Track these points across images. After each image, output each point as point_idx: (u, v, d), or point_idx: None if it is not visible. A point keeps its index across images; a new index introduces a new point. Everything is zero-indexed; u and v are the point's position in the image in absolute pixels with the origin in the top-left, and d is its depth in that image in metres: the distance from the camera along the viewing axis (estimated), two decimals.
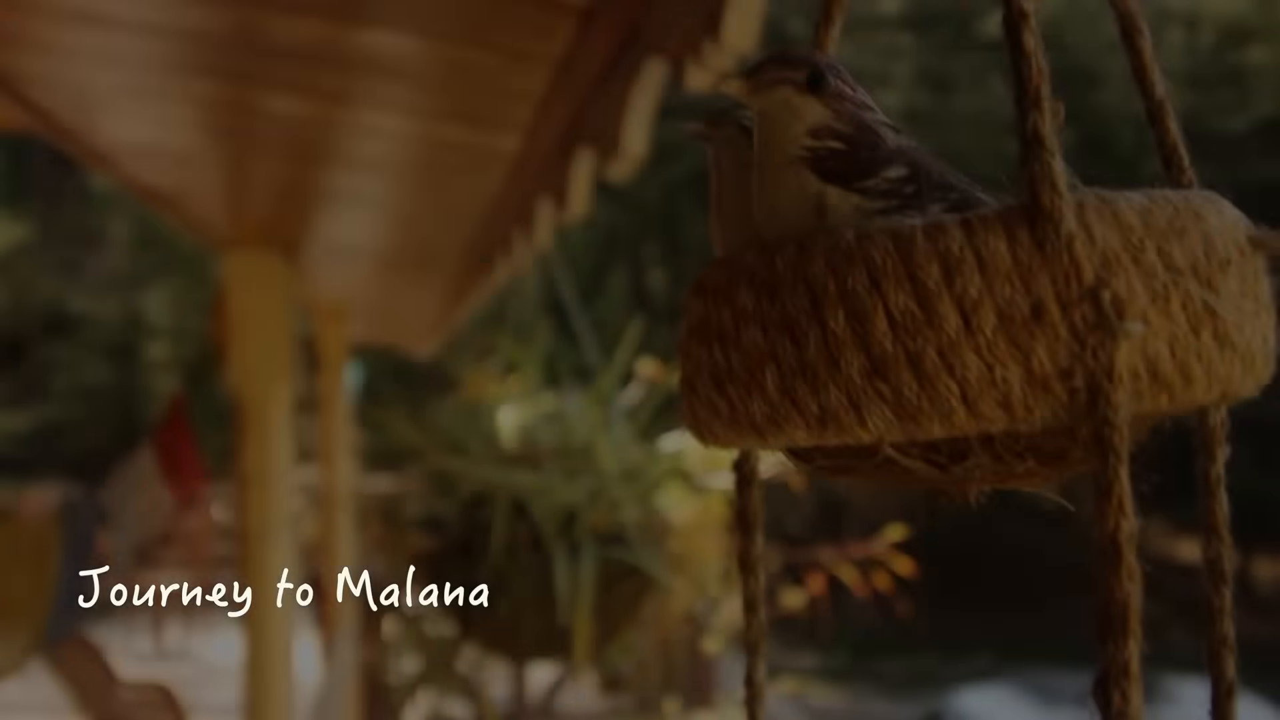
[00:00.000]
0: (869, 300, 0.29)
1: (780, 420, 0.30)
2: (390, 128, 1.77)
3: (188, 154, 2.10)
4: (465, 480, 1.96)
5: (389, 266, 3.66)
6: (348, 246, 3.27)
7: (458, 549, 2.04)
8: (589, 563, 1.92)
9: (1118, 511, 0.26)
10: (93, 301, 15.36)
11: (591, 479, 1.99)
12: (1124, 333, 0.26)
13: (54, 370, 15.03)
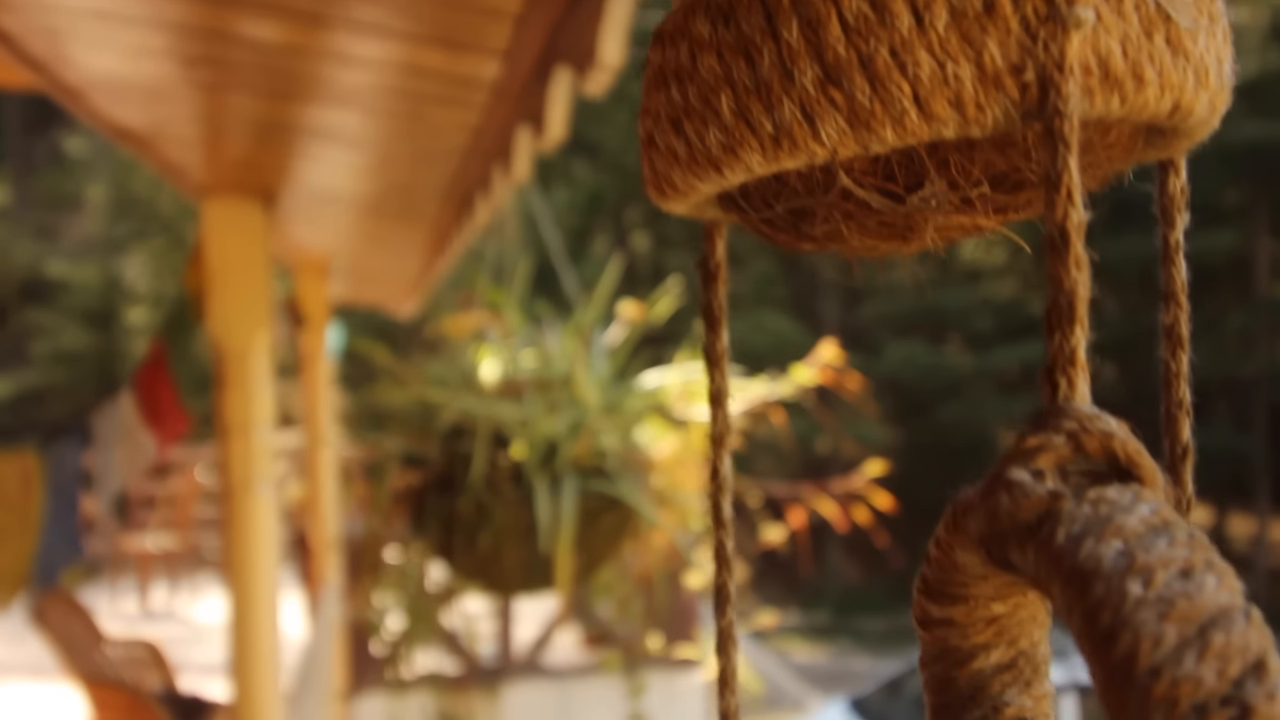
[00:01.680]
0: (823, 7, 0.29)
1: (736, 145, 0.30)
2: (367, 54, 1.75)
3: (160, 88, 2.07)
4: (445, 411, 1.96)
5: (369, 215, 3.64)
6: (327, 194, 3.25)
7: (438, 483, 2.04)
8: (570, 494, 1.93)
9: (1066, 201, 0.27)
10: (71, 267, 15.22)
11: (572, 411, 1.99)
12: (1074, 21, 0.26)
13: (33, 336, 14.91)
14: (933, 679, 0.36)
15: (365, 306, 8.27)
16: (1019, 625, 0.34)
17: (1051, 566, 0.25)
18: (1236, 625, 0.24)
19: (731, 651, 0.42)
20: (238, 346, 2.88)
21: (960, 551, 0.31)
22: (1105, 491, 0.26)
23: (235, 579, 2.84)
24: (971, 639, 0.34)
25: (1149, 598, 0.23)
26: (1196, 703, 0.22)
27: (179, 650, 5.39)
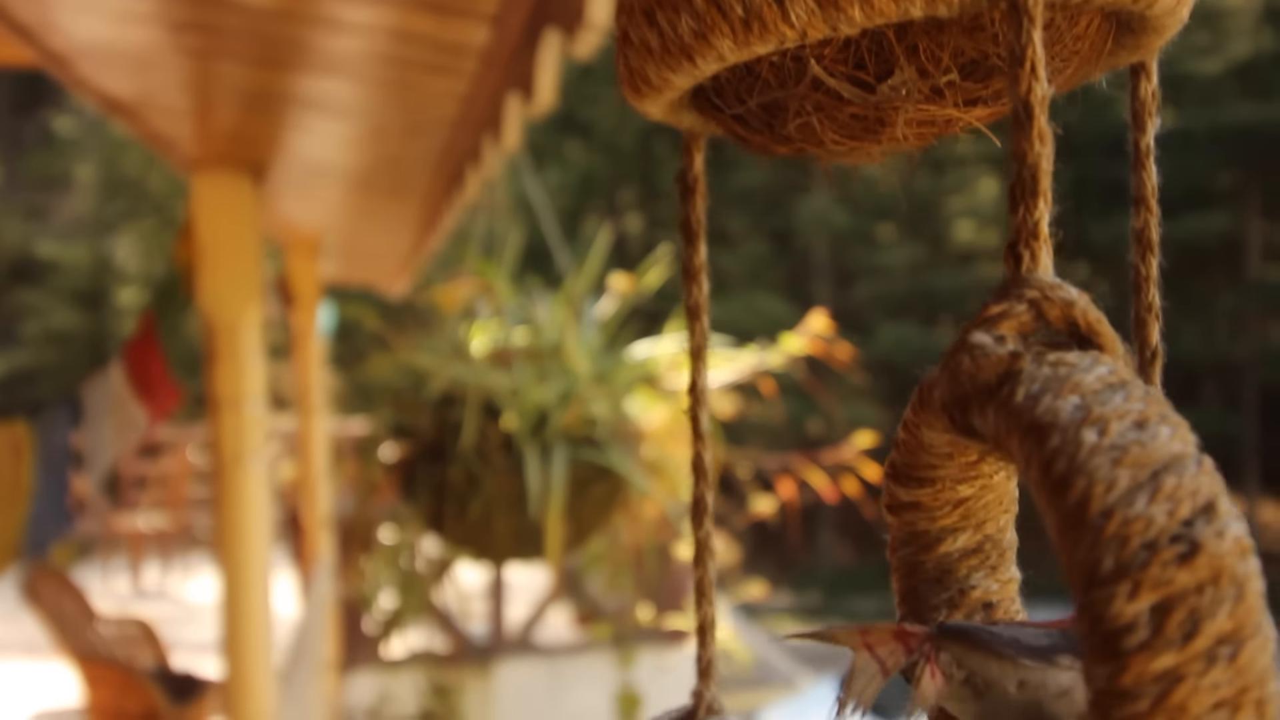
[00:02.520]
0: None
1: (708, 32, 0.31)
2: (357, 19, 1.74)
3: (148, 55, 2.06)
4: (435, 380, 1.96)
5: (360, 190, 3.63)
6: (317, 168, 3.24)
7: (429, 452, 2.05)
8: (560, 463, 1.93)
9: (1030, 75, 0.27)
10: (61, 247, 15.16)
11: (562, 380, 1.99)
12: None
13: (23, 316, 14.85)
14: (901, 564, 0.36)
15: (357, 286, 8.25)
16: (985, 509, 0.35)
17: (1011, 423, 0.25)
18: (1188, 470, 0.24)
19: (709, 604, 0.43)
20: (228, 320, 2.88)
21: (926, 430, 0.31)
22: (1065, 355, 0.26)
23: (227, 553, 2.84)
24: (938, 522, 0.34)
25: (1103, 445, 0.24)
26: (1146, 540, 0.23)
27: (171, 629, 5.40)
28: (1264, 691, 0.23)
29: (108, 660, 4.19)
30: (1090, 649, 0.23)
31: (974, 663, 0.33)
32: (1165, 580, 0.23)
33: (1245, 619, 0.23)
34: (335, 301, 7.53)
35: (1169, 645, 0.23)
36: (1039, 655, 0.32)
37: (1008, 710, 0.33)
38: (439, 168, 2.96)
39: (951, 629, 0.34)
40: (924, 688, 0.33)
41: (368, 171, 3.26)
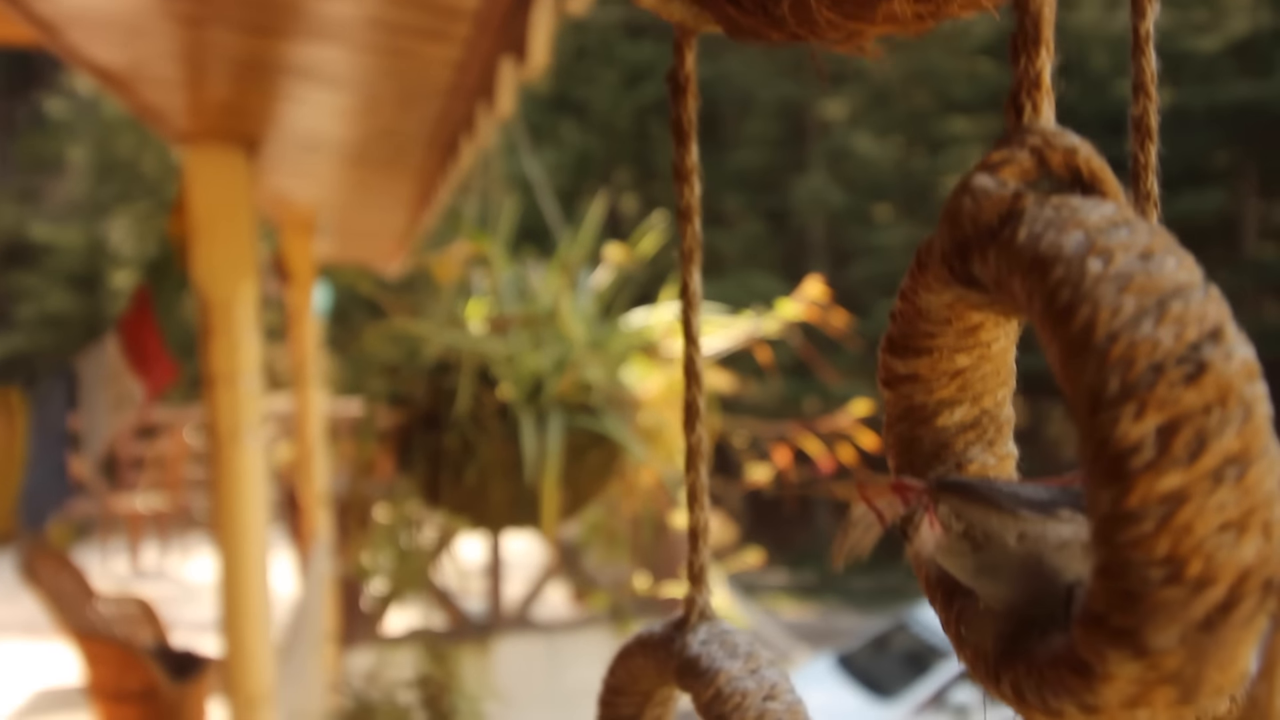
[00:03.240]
0: None
1: None
2: None
3: (138, 22, 2.04)
4: (429, 346, 1.95)
5: (355, 164, 3.61)
6: (311, 141, 3.22)
7: (424, 420, 2.04)
8: (556, 430, 1.93)
9: None
10: (55, 230, 15.10)
11: (557, 347, 1.99)
12: None
13: (18, 300, 14.81)
14: (897, 440, 0.36)
15: (352, 265, 8.22)
16: (983, 381, 0.34)
17: (1013, 262, 0.25)
18: (1195, 297, 0.24)
19: (701, 509, 0.43)
20: (223, 296, 2.86)
21: (924, 294, 0.31)
22: (1068, 198, 0.26)
23: (224, 529, 2.84)
24: (936, 394, 0.34)
25: (1108, 274, 0.23)
26: (1153, 362, 0.22)
27: (170, 609, 5.40)
28: (1271, 514, 0.23)
29: (107, 638, 4.19)
30: (1095, 474, 0.23)
31: (973, 515, 0.33)
32: (1172, 400, 0.22)
33: (1253, 440, 0.23)
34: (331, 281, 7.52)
35: (1175, 464, 0.22)
36: (1039, 508, 0.32)
37: (1007, 563, 0.32)
38: (433, 139, 2.95)
39: (950, 483, 0.34)
40: (922, 536, 0.33)
41: (362, 145, 3.24)
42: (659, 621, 0.50)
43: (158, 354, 2.92)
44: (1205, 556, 0.23)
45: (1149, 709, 0.25)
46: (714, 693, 0.48)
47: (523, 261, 2.31)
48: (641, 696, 0.54)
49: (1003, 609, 0.33)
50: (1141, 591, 0.23)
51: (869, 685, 8.57)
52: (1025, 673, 0.30)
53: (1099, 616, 0.25)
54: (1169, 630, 0.23)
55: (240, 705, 2.92)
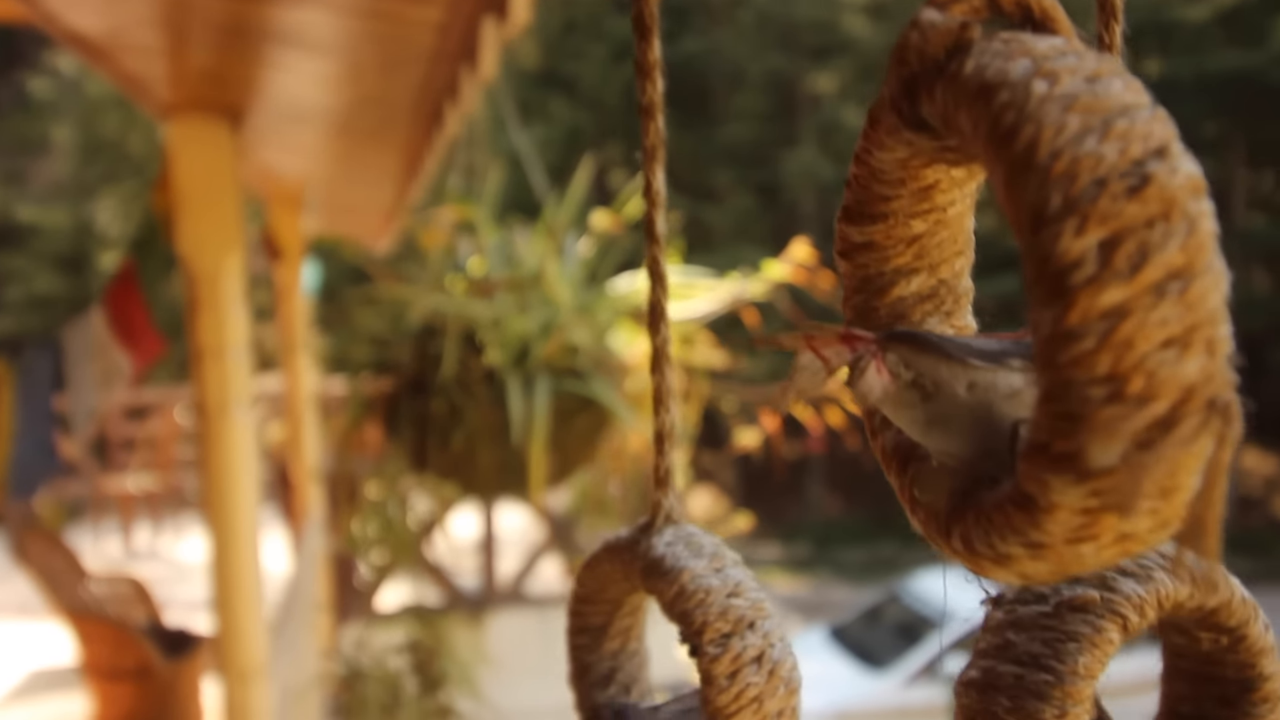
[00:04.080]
0: None
1: None
2: None
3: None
4: (414, 309, 1.95)
5: (341, 135, 3.58)
6: (296, 111, 3.19)
7: (411, 385, 2.04)
8: (543, 394, 1.93)
9: None
10: (41, 211, 15.00)
11: (544, 311, 1.98)
12: None
13: (6, 282, 14.73)
14: (854, 312, 0.36)
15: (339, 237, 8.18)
16: (939, 249, 0.34)
17: (959, 95, 0.25)
18: (1142, 115, 0.23)
19: (666, 370, 0.42)
20: (209, 269, 2.85)
21: (877, 152, 0.30)
22: (1017, 34, 0.26)
23: (214, 504, 2.83)
24: (892, 262, 0.34)
25: (1053, 94, 0.23)
26: (1096, 177, 0.22)
27: (164, 588, 5.41)
28: (1215, 331, 0.23)
29: (100, 617, 4.19)
30: (1037, 295, 0.23)
31: (922, 364, 0.32)
32: (1114, 213, 0.22)
33: (1196, 255, 0.22)
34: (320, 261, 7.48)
35: (1117, 278, 0.22)
36: (990, 357, 0.32)
37: (956, 413, 0.32)
38: (417, 107, 2.93)
39: (900, 333, 0.33)
40: (868, 380, 0.32)
41: (346, 114, 3.22)
42: (625, 528, 0.50)
43: (144, 328, 2.91)
44: (1147, 373, 0.22)
45: (1094, 543, 0.25)
46: (677, 590, 0.48)
47: (509, 227, 2.29)
48: (610, 605, 0.54)
49: (955, 465, 0.33)
50: (1082, 412, 0.23)
51: (862, 656, 8.63)
52: (974, 522, 0.30)
53: (1042, 445, 0.24)
54: (1110, 449, 0.23)
55: (233, 680, 2.93)
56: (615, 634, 0.55)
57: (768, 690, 0.48)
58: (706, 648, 0.47)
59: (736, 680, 0.47)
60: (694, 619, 0.48)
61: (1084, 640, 0.41)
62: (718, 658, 0.47)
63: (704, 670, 0.48)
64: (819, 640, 9.10)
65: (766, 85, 17.36)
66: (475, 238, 2.32)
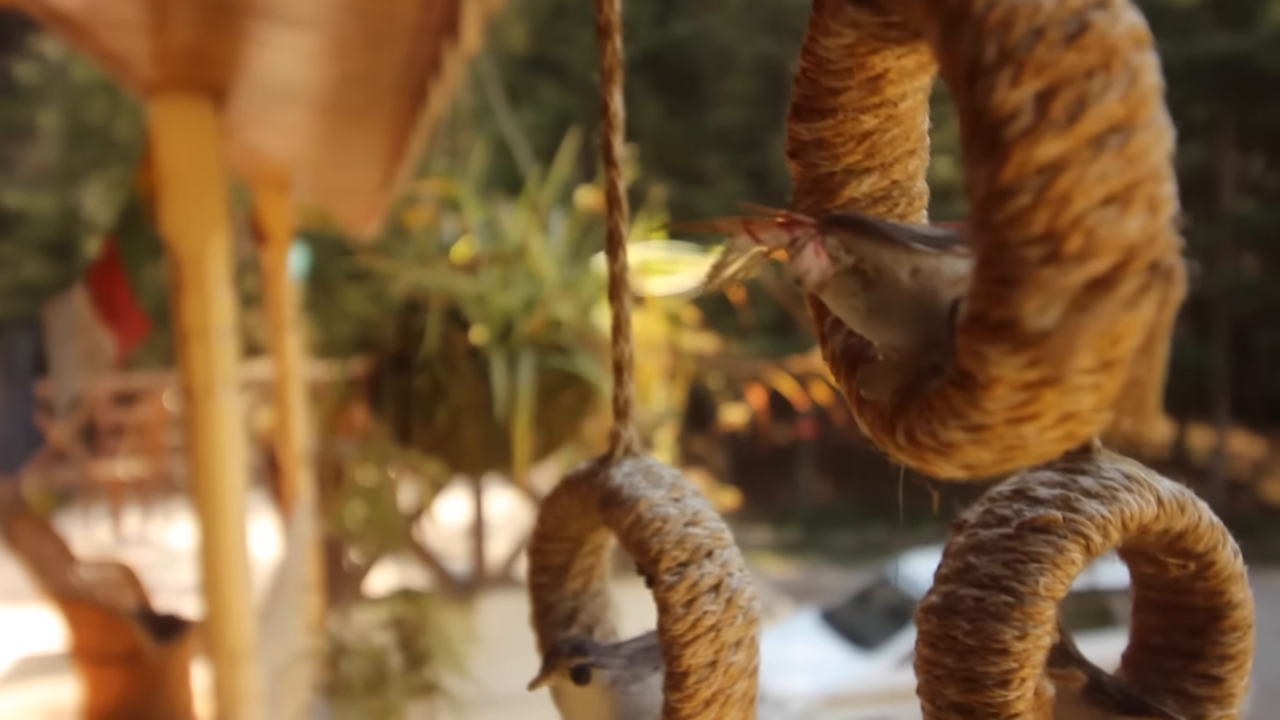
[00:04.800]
0: None
1: None
2: None
3: None
4: (396, 284, 1.93)
5: (325, 116, 3.56)
6: (280, 90, 3.17)
7: (394, 362, 2.03)
8: (527, 370, 1.92)
9: None
10: (28, 197, 14.91)
11: (527, 286, 1.97)
12: None
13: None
14: (806, 214, 0.35)
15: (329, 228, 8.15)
16: (891, 146, 0.33)
17: None
18: None
19: (625, 297, 0.42)
20: (193, 251, 2.83)
21: (823, 39, 0.29)
22: None
23: (201, 485, 2.82)
24: (842, 161, 0.33)
25: None
26: (1034, 26, 0.21)
27: (154, 574, 5.39)
28: (1158, 189, 0.22)
29: (89, 602, 4.18)
30: (972, 152, 0.22)
31: (864, 249, 0.31)
32: (1051, 62, 0.21)
33: (1138, 107, 0.22)
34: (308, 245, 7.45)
35: (1053, 129, 0.21)
36: (935, 243, 0.31)
37: (899, 301, 0.31)
38: (402, 85, 2.91)
39: (841, 216, 0.32)
40: (805, 260, 0.32)
41: (331, 94, 3.19)
42: (585, 462, 0.49)
43: (128, 308, 2.89)
44: (1085, 231, 0.22)
45: (1037, 423, 0.25)
46: (634, 519, 0.47)
47: (494, 203, 2.28)
48: (571, 543, 0.53)
49: (900, 358, 0.32)
50: (1018, 274, 0.22)
51: (852, 639, 8.68)
52: (916, 412, 0.29)
53: (978, 315, 0.24)
54: (1046, 310, 0.22)
55: (222, 662, 2.92)
56: (577, 573, 0.54)
57: (725, 619, 0.47)
58: (663, 576, 0.46)
59: (693, 609, 0.46)
60: (650, 547, 0.47)
61: (1045, 561, 0.41)
62: (674, 586, 0.46)
63: (660, 599, 0.47)
64: (809, 623, 9.13)
65: (756, 69, 17.31)
66: (460, 216, 2.31)
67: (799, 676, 8.33)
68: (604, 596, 0.57)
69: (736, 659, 0.48)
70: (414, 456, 1.87)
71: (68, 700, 4.27)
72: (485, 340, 1.95)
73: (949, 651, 0.42)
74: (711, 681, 0.47)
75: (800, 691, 8.15)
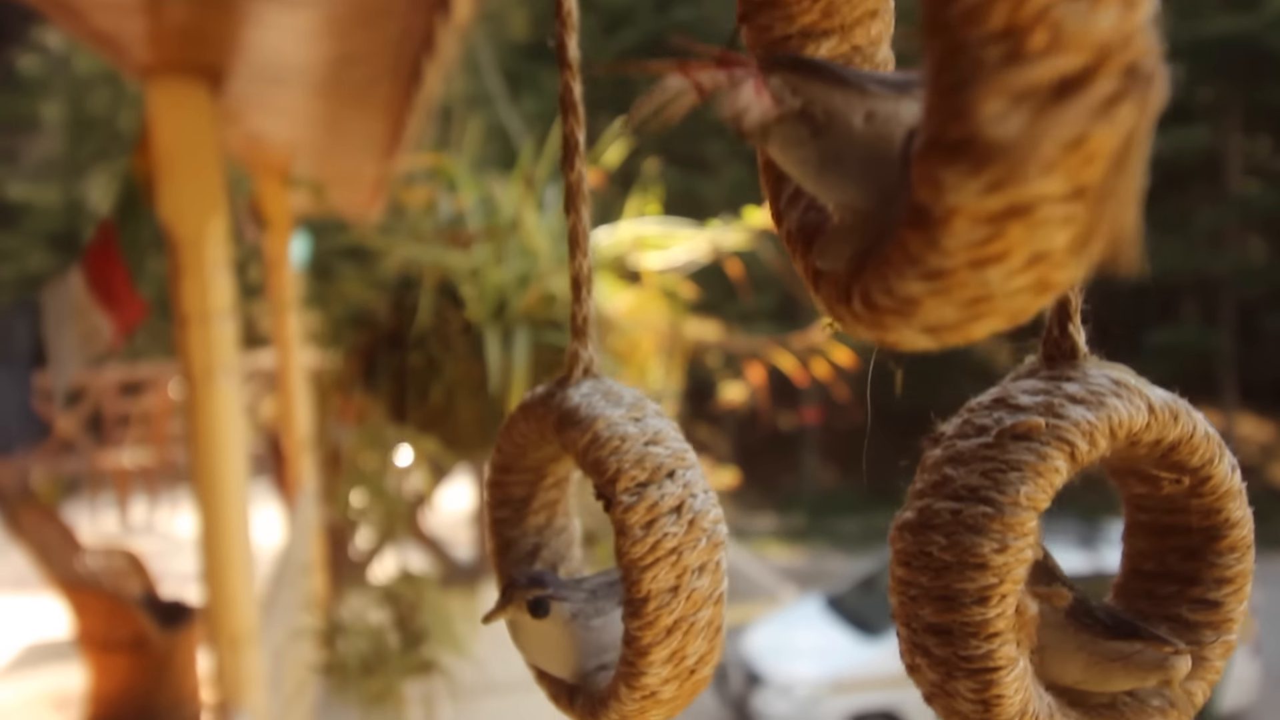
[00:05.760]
0: None
1: None
2: None
3: None
4: (389, 259, 1.92)
5: (323, 98, 3.55)
6: (276, 72, 3.16)
7: (389, 338, 2.02)
8: (522, 346, 1.90)
9: None
10: (33, 189, 14.92)
11: (522, 261, 1.96)
12: None
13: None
14: None
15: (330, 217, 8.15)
16: (849, 6, 0.31)
17: None
18: None
19: (582, 208, 0.40)
20: (191, 234, 2.83)
21: None
22: None
23: (201, 468, 2.83)
24: (798, 21, 0.31)
25: None
26: None
27: (160, 562, 5.41)
28: None
29: (95, 589, 4.19)
30: None
31: (813, 91, 0.29)
32: None
33: None
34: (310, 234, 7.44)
35: None
36: (892, 86, 0.29)
37: (853, 150, 0.29)
38: (397, 66, 2.90)
39: (785, 57, 0.30)
40: (743, 97, 0.29)
41: (327, 74, 3.18)
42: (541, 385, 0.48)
43: (124, 291, 2.89)
44: (1051, 27, 0.20)
45: (1003, 266, 0.22)
46: (590, 438, 0.45)
47: (488, 180, 2.27)
48: (532, 473, 0.51)
49: (855, 222, 0.30)
50: (976, 76, 0.20)
51: (857, 625, 8.68)
52: (872, 271, 0.27)
53: (933, 137, 0.22)
54: (1008, 116, 0.20)
55: (224, 646, 2.93)
56: (539, 508, 0.53)
57: (687, 541, 0.45)
58: (620, 496, 0.44)
59: (653, 530, 0.44)
60: (608, 466, 0.45)
61: (1027, 469, 0.39)
62: (632, 506, 0.44)
63: (618, 521, 0.44)
64: (815, 609, 9.14)
65: None
66: (455, 195, 2.29)
67: (804, 662, 8.34)
68: (569, 534, 0.54)
69: (700, 584, 0.45)
70: (409, 434, 1.86)
71: (74, 687, 4.28)
72: (480, 316, 1.94)
73: (924, 569, 0.40)
74: (673, 608, 0.44)
75: (805, 677, 8.16)
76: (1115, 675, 0.42)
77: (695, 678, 0.45)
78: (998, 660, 0.38)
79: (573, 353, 0.47)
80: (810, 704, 8.02)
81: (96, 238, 2.87)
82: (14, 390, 2.27)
